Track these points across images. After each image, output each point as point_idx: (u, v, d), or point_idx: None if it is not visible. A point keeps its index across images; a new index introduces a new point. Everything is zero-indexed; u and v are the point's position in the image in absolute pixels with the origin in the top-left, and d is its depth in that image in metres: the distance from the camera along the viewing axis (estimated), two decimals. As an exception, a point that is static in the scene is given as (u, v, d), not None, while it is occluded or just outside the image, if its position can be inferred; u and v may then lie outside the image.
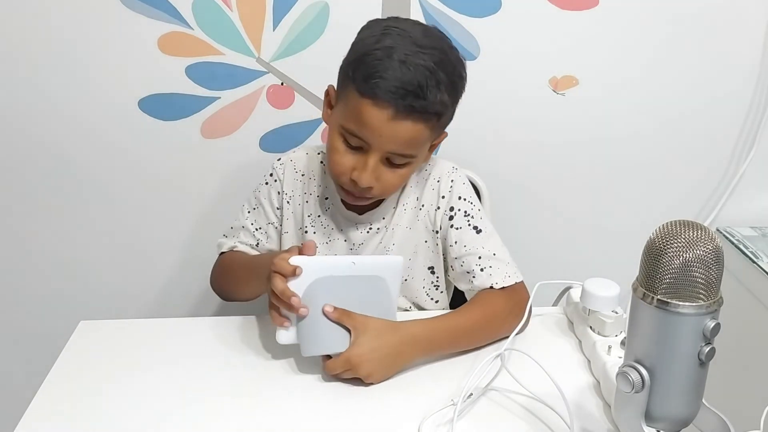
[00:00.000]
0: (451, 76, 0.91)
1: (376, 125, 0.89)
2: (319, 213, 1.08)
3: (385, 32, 0.91)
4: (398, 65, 0.87)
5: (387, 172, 0.95)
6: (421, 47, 0.89)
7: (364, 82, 0.88)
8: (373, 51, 0.89)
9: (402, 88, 0.87)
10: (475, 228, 1.04)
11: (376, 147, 0.92)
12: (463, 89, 0.96)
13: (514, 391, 0.83)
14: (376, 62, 0.88)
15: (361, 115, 0.90)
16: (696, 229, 0.61)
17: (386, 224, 1.06)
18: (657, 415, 0.66)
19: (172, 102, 1.31)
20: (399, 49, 0.88)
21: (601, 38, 1.32)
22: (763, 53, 1.35)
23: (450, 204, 1.05)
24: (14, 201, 1.39)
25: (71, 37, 1.26)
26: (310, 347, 0.87)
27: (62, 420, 0.80)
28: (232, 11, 1.26)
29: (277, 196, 1.09)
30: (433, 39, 0.92)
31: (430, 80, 0.88)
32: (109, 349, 0.93)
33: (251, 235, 1.09)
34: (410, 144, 0.92)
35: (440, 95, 0.89)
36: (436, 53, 0.89)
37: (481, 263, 1.01)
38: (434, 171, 1.07)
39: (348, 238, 1.07)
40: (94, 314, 1.01)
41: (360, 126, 0.91)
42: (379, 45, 0.89)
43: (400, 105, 0.87)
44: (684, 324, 0.62)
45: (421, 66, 0.87)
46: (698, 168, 1.45)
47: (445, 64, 0.90)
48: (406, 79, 0.87)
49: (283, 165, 1.09)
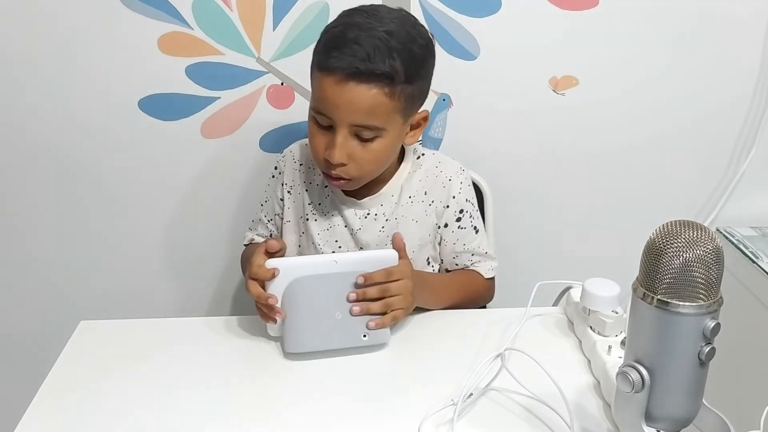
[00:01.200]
0: (407, 44, 0.94)
1: (329, 94, 0.94)
2: (320, 201, 1.10)
3: (348, 13, 0.98)
4: (351, 37, 0.92)
5: (358, 148, 0.97)
6: (380, 21, 0.94)
7: (320, 55, 0.95)
8: (332, 29, 0.96)
9: (351, 56, 0.91)
10: (474, 228, 1.11)
11: (338, 119, 0.95)
12: (426, 60, 0.99)
13: (514, 391, 0.83)
14: (331, 37, 0.95)
15: (319, 91, 0.96)
16: (696, 229, 0.61)
17: (390, 214, 1.08)
18: (657, 415, 0.66)
19: (172, 102, 1.31)
20: (355, 25, 0.94)
21: (601, 38, 1.32)
22: (763, 54, 1.35)
23: (460, 206, 1.09)
24: (14, 200, 1.39)
25: (71, 37, 1.26)
26: (292, 345, 0.90)
27: (62, 420, 0.80)
28: (232, 11, 1.26)
29: (281, 188, 1.13)
30: (394, 16, 0.96)
31: (380, 46, 0.92)
32: (109, 349, 0.93)
33: (265, 227, 1.17)
34: (370, 112, 0.94)
35: (390, 60, 0.92)
36: (392, 25, 0.94)
37: (473, 258, 1.12)
38: (445, 169, 1.10)
39: (348, 224, 1.09)
40: (94, 314, 1.01)
41: (319, 101, 0.96)
42: (338, 23, 0.97)
43: (347, 69, 0.92)
44: (684, 324, 0.62)
45: (372, 36, 0.92)
46: (698, 168, 1.45)
47: (399, 33, 0.94)
48: (355, 49, 0.92)
49: (285, 158, 1.15)
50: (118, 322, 1.00)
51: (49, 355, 0.91)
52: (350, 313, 0.91)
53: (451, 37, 1.29)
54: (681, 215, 0.66)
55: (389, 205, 1.08)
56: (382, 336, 0.92)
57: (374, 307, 0.91)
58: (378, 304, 0.91)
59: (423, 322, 1.00)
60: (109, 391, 0.84)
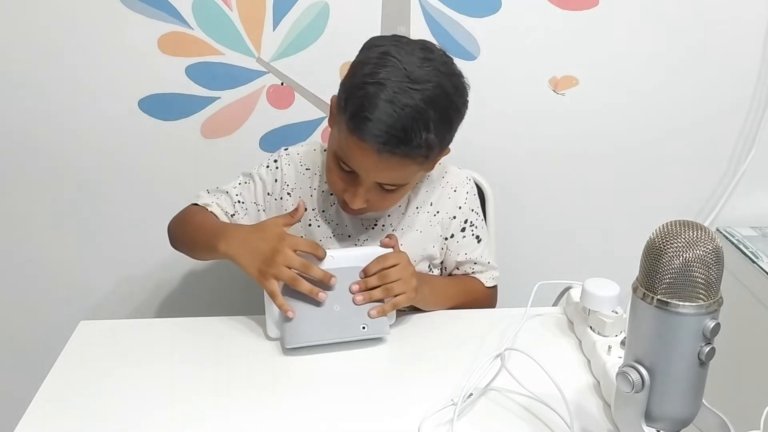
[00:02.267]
0: (445, 110, 0.90)
1: (362, 162, 0.91)
2: (324, 208, 1.09)
3: (380, 60, 0.89)
4: (385, 105, 0.86)
5: (379, 195, 0.96)
6: (415, 81, 0.87)
7: (353, 118, 0.88)
8: (365, 84, 0.88)
9: (386, 132, 0.86)
10: (477, 237, 1.11)
11: (364, 177, 0.93)
12: (462, 115, 0.94)
13: (514, 391, 0.83)
14: (365, 99, 0.87)
15: (348, 150, 0.91)
16: (696, 229, 0.61)
17: (395, 224, 1.08)
18: (657, 415, 0.66)
19: (172, 102, 1.31)
20: (389, 86, 0.86)
21: (601, 38, 1.32)
22: (763, 55, 1.35)
23: (465, 216, 1.09)
24: (14, 201, 1.39)
25: (71, 37, 1.26)
26: (291, 339, 0.90)
27: (62, 420, 0.79)
28: (232, 11, 1.26)
29: (274, 184, 1.09)
30: (430, 69, 0.89)
31: (417, 122, 0.86)
32: (109, 349, 0.93)
33: (231, 204, 1.08)
34: (398, 178, 0.94)
35: (426, 135, 0.87)
36: (429, 88, 0.87)
37: (475, 267, 1.12)
38: (451, 180, 1.10)
39: (352, 233, 1.08)
40: (94, 314, 1.01)
41: (348, 159, 0.92)
42: (371, 78, 0.87)
43: (383, 149, 0.87)
44: (684, 324, 0.62)
45: (408, 107, 0.86)
46: (698, 168, 1.45)
47: (437, 99, 0.88)
48: (390, 122, 0.86)
49: (289, 156, 1.10)
50: (118, 322, 1.00)
51: (49, 355, 0.91)
52: (354, 303, 0.91)
53: (451, 37, 1.29)
54: (681, 215, 0.66)
55: (396, 215, 1.08)
56: (382, 328, 0.92)
57: (375, 293, 0.92)
58: (379, 290, 0.92)
59: (423, 322, 1.00)
60: (109, 391, 0.84)
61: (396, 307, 0.93)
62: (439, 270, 1.14)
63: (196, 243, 1.02)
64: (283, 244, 0.90)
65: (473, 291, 1.11)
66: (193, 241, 1.03)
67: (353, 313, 0.92)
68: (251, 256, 0.91)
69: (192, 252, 1.06)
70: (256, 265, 0.91)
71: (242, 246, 0.93)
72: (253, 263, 0.91)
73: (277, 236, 0.91)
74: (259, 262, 0.90)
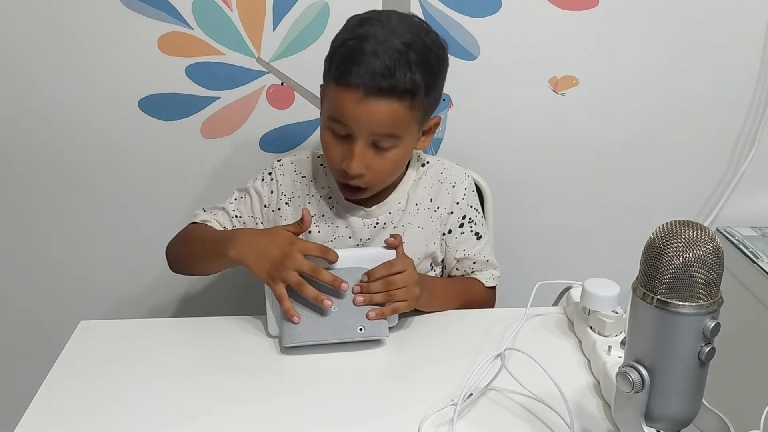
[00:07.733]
0: (425, 55, 0.94)
1: (351, 108, 0.93)
2: (323, 212, 1.09)
3: (360, 22, 0.96)
4: (369, 51, 0.91)
5: (375, 157, 0.97)
6: (394, 32, 0.93)
7: (338, 68, 0.94)
8: (347, 41, 0.94)
9: (371, 70, 0.91)
10: (476, 234, 1.11)
11: (357, 131, 0.94)
12: (442, 70, 0.99)
13: (514, 391, 0.83)
14: (348, 51, 0.93)
15: (337, 102, 0.94)
16: (696, 229, 0.61)
17: (396, 221, 1.08)
18: (657, 415, 0.66)
19: (172, 102, 1.31)
20: (371, 37, 0.93)
21: (601, 38, 1.32)
22: (763, 54, 1.35)
23: (463, 212, 1.10)
24: (14, 200, 1.39)
25: (71, 37, 1.26)
26: (289, 338, 0.90)
27: (62, 420, 0.79)
28: (232, 11, 1.26)
29: (270, 195, 1.10)
30: (407, 24, 0.96)
31: (400, 62, 0.91)
32: (109, 349, 0.93)
33: (229, 219, 1.09)
34: (390, 124, 0.95)
35: (410, 74, 0.92)
36: (408, 36, 0.93)
37: (474, 267, 1.12)
38: (450, 175, 1.11)
39: (353, 235, 1.08)
40: (94, 314, 1.01)
41: (339, 112, 0.94)
42: (353, 34, 0.95)
43: (369, 86, 0.91)
44: (684, 324, 0.62)
45: (390, 49, 0.91)
46: (698, 168, 1.45)
47: (417, 45, 0.93)
48: (374, 64, 0.91)
49: (283, 167, 1.11)
50: (118, 322, 1.00)
51: (49, 355, 0.91)
52: (354, 304, 0.91)
53: (451, 37, 1.29)
54: (681, 215, 0.66)
55: (396, 212, 1.08)
56: (379, 330, 0.92)
57: (377, 297, 0.92)
58: (381, 295, 0.92)
59: (423, 322, 1.00)
60: (109, 391, 0.84)
61: (395, 313, 0.94)
62: (440, 269, 1.14)
63: (204, 254, 1.03)
64: (293, 248, 0.91)
65: (473, 293, 1.11)
66: (200, 254, 1.04)
67: (351, 314, 0.92)
68: (261, 260, 0.92)
69: (198, 266, 1.07)
70: (265, 268, 0.91)
71: (252, 249, 0.94)
72: (263, 266, 0.92)
73: (288, 240, 0.92)
74: (268, 266, 0.91)
